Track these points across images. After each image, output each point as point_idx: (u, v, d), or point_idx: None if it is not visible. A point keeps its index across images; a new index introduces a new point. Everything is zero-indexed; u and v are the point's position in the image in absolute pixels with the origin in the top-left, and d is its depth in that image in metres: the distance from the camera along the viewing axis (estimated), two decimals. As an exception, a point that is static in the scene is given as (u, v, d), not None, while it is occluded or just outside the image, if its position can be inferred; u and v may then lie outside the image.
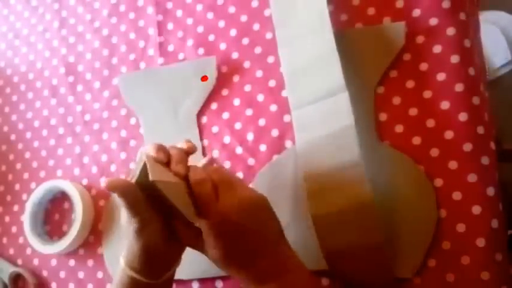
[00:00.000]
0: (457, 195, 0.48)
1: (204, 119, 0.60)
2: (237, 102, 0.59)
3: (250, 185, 0.56)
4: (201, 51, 0.62)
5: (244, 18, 0.60)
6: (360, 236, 0.48)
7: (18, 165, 0.70)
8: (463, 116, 0.49)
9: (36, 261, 0.66)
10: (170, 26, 0.64)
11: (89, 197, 0.63)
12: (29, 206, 0.65)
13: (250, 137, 0.58)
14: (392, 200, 0.50)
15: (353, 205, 0.47)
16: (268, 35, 0.58)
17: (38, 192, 0.65)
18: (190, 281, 0.58)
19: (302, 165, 0.51)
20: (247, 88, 0.59)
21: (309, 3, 0.54)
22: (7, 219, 0.69)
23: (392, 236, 0.49)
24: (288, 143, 0.56)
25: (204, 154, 0.59)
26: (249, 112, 0.58)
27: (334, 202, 0.48)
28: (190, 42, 0.63)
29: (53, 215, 0.67)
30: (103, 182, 0.43)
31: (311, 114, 0.51)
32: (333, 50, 0.51)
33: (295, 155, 0.52)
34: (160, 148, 0.44)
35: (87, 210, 0.62)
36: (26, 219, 0.65)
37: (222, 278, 0.56)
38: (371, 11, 0.54)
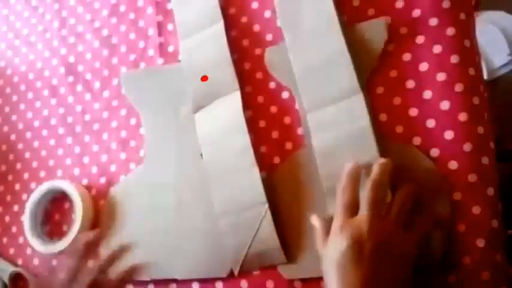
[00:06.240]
0: (457, 195, 0.48)
1: (204, 119, 0.60)
2: (237, 102, 0.59)
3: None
4: (201, 51, 0.62)
5: (244, 19, 0.60)
6: None
7: (18, 165, 0.70)
8: (463, 116, 0.49)
9: (36, 261, 0.66)
10: (170, 26, 0.64)
11: (89, 197, 0.63)
12: (28, 206, 0.65)
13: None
14: None
15: None
16: (269, 37, 0.58)
17: (38, 192, 0.65)
18: (190, 281, 0.58)
19: (320, 166, 0.51)
20: (248, 89, 0.59)
21: (315, 5, 0.54)
22: (7, 219, 0.69)
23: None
24: (288, 145, 0.56)
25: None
26: (248, 114, 0.58)
27: None
28: (190, 43, 0.63)
29: (53, 215, 0.67)
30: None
31: (327, 115, 0.52)
32: (343, 51, 0.51)
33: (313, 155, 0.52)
34: None
35: (87, 210, 0.62)
36: (26, 219, 0.65)
37: (222, 280, 0.56)
38: (371, 11, 0.54)
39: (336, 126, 0.51)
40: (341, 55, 0.51)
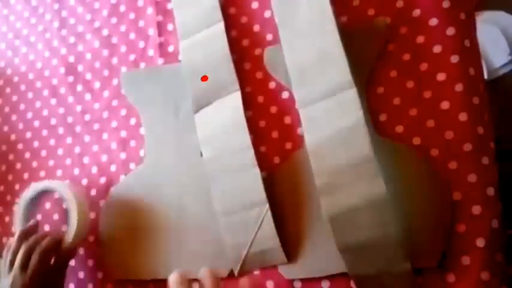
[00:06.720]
0: (457, 195, 0.48)
1: (204, 119, 0.60)
2: (237, 102, 0.59)
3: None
4: (201, 51, 0.62)
5: (244, 19, 0.60)
6: (376, 231, 0.47)
7: (18, 165, 0.70)
8: (463, 116, 0.49)
9: (36, 261, 0.66)
10: (170, 26, 0.64)
11: (84, 196, 0.63)
12: (20, 207, 0.63)
13: (250, 137, 0.58)
14: (402, 191, 0.49)
15: (367, 201, 0.47)
16: (269, 37, 0.58)
17: (26, 194, 0.63)
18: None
19: (313, 163, 0.51)
20: (248, 89, 0.59)
21: (310, 2, 0.53)
22: (7, 219, 0.69)
23: (408, 228, 0.48)
24: (288, 145, 0.56)
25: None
26: (248, 114, 0.58)
27: (347, 199, 0.48)
28: (190, 43, 0.62)
29: (51, 215, 0.66)
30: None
31: (319, 111, 0.51)
32: (338, 46, 0.51)
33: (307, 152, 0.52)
34: None
35: (82, 210, 0.61)
36: (17, 219, 0.64)
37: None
38: (371, 11, 0.54)
39: (328, 121, 0.50)
40: (334, 49, 0.51)
